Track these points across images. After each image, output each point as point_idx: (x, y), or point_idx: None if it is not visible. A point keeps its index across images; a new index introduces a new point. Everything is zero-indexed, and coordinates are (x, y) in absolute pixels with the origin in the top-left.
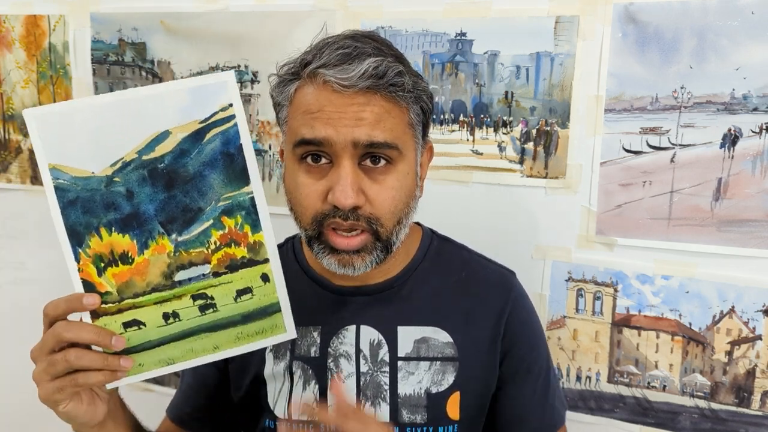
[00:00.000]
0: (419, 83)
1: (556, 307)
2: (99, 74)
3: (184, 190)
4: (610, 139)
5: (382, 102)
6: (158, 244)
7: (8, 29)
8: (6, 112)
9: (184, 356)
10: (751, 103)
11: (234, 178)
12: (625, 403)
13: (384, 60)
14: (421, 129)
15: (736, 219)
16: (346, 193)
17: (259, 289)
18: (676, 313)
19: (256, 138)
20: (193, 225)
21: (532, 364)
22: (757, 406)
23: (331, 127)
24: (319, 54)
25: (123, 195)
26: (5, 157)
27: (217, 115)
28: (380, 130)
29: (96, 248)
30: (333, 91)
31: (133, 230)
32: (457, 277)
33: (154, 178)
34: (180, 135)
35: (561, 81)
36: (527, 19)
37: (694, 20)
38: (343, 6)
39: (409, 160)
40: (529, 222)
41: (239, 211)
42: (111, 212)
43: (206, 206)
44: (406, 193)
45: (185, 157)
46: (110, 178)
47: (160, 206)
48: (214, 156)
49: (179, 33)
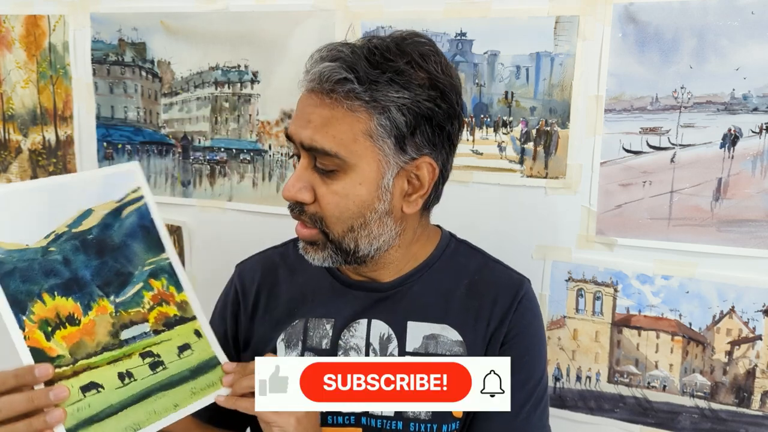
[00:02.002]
0: (391, 94)
1: (556, 307)
2: (99, 74)
3: (114, 256)
4: (610, 139)
5: (329, 106)
6: (99, 305)
7: (8, 29)
8: (6, 112)
9: (148, 419)
10: (751, 103)
11: (153, 246)
12: (625, 403)
13: (339, 65)
14: (393, 142)
15: (736, 219)
16: (288, 187)
17: (196, 345)
18: (676, 313)
19: (256, 138)
20: (127, 287)
21: (521, 366)
22: (757, 406)
23: (293, 124)
24: (311, 57)
25: (60, 262)
26: (5, 157)
27: (129, 196)
28: (322, 135)
29: (41, 313)
30: (302, 91)
31: (75, 293)
32: (469, 279)
33: (86, 247)
34: (102, 212)
35: (561, 81)
36: (527, 19)
37: (694, 20)
38: (343, 6)
39: (363, 170)
40: (529, 222)
41: (162, 274)
42: (51, 278)
43: (135, 270)
44: (356, 202)
45: (110, 230)
46: (45, 248)
47: (95, 271)
48: (133, 228)
49: (179, 33)
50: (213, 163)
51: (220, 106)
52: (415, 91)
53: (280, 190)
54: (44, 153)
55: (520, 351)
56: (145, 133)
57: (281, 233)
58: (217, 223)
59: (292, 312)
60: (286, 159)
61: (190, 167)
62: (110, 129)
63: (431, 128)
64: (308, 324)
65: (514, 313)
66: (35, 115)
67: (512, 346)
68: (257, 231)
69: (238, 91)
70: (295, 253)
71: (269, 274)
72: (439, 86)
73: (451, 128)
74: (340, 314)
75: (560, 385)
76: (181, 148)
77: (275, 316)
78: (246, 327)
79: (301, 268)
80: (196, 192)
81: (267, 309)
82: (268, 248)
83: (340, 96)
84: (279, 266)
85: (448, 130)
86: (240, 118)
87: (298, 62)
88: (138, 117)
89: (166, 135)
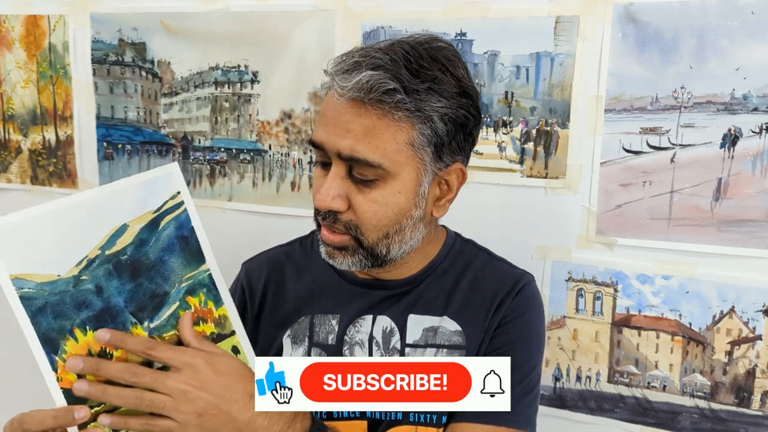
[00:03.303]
0: (434, 104)
1: (556, 307)
2: (99, 74)
3: (149, 277)
4: (610, 139)
5: (374, 116)
6: (133, 334)
7: (8, 29)
8: (6, 112)
9: None
10: (751, 103)
11: (192, 259)
12: (625, 403)
13: (384, 75)
14: (432, 150)
15: (736, 219)
16: (322, 196)
17: None
18: (676, 313)
19: (256, 138)
20: (162, 309)
21: (512, 352)
22: (757, 406)
23: (326, 132)
24: (341, 61)
25: (93, 291)
26: (5, 157)
27: (168, 204)
28: (364, 145)
29: (72, 351)
30: (336, 99)
31: (108, 325)
32: (473, 275)
33: (119, 271)
34: (137, 227)
35: (561, 81)
36: (527, 19)
37: (694, 20)
38: (343, 6)
39: (403, 179)
40: (529, 222)
41: (201, 289)
42: (83, 311)
43: (171, 289)
44: (395, 210)
45: (145, 246)
46: (77, 277)
47: (129, 296)
48: (171, 241)
49: (179, 33)
50: (213, 163)
51: (220, 106)
52: (451, 99)
53: (280, 190)
54: (44, 153)
55: (512, 336)
56: (145, 133)
57: (281, 233)
58: (217, 223)
59: (299, 309)
60: (285, 159)
61: (190, 167)
62: (110, 129)
63: (464, 135)
64: (314, 320)
65: (513, 299)
66: (35, 115)
67: (505, 330)
68: (257, 231)
69: (238, 91)
70: (302, 252)
71: (276, 273)
72: (468, 93)
73: (476, 133)
74: (347, 311)
75: (560, 385)
76: (181, 148)
77: (281, 315)
78: (252, 325)
79: (307, 266)
80: (196, 192)
81: (273, 307)
82: (274, 247)
83: (390, 107)
84: (285, 265)
85: (474, 135)
86: (240, 118)
87: (298, 62)
88: (138, 117)
89: (166, 135)
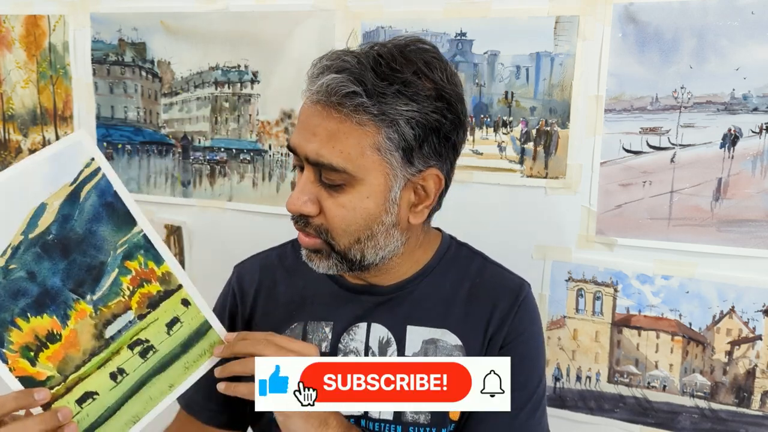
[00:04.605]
0: (400, 107)
1: (556, 307)
2: (99, 74)
3: (81, 250)
4: (610, 139)
5: (336, 120)
6: (77, 310)
7: (8, 29)
8: (6, 112)
9: (145, 407)
10: (751, 103)
11: (122, 224)
12: (625, 403)
13: (346, 78)
14: (401, 155)
15: (736, 219)
16: (293, 200)
17: (185, 315)
18: (676, 313)
19: (256, 138)
20: (102, 279)
21: (520, 370)
22: (757, 406)
23: (297, 136)
24: (314, 65)
25: (25, 278)
26: (5, 157)
27: (84, 173)
28: (329, 149)
29: (19, 340)
30: (306, 103)
31: (49, 308)
32: (470, 283)
33: (48, 251)
34: (56, 203)
35: (561, 81)
36: (527, 19)
37: (693, 20)
38: (343, 6)
39: (371, 184)
40: (529, 222)
41: (138, 251)
42: (20, 299)
43: (106, 258)
44: (363, 215)
45: (70, 221)
46: (5, 268)
47: (65, 275)
48: (96, 210)
49: (179, 33)
50: (213, 163)
51: (220, 106)
52: (422, 103)
53: (280, 190)
54: None
55: (518, 354)
56: (145, 133)
57: (281, 233)
58: (217, 223)
59: (291, 315)
60: (286, 159)
61: (190, 167)
62: (110, 129)
63: (438, 139)
64: (307, 327)
65: (514, 316)
66: (35, 115)
67: (511, 349)
68: (257, 231)
69: (238, 91)
70: (293, 255)
71: (267, 277)
72: (445, 96)
73: (456, 138)
74: (340, 318)
75: (560, 385)
76: (181, 148)
77: (273, 319)
78: (243, 330)
79: (299, 270)
80: (196, 192)
81: (265, 312)
82: (266, 250)
83: (349, 110)
84: (277, 268)
85: (454, 140)
86: (240, 118)
87: (298, 62)
88: (138, 117)
89: (166, 135)
